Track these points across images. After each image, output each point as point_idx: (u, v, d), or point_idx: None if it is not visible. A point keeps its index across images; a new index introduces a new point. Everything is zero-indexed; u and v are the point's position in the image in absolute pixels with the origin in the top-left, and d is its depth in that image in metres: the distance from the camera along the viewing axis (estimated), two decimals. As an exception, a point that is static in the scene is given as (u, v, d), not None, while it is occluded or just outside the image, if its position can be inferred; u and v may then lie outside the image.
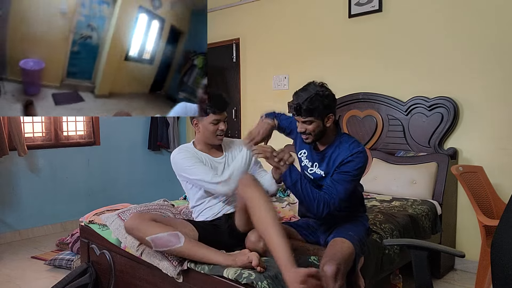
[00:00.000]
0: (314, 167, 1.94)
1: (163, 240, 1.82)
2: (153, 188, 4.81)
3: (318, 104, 1.76)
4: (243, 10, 4.37)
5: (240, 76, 4.48)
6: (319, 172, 1.92)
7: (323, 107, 1.78)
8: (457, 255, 1.51)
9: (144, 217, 1.91)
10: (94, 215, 2.50)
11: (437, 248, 1.58)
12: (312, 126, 1.80)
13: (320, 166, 1.92)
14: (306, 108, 1.76)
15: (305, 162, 1.98)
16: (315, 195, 1.77)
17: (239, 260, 1.71)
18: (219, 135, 2.07)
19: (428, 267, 1.50)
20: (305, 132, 1.83)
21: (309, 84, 1.83)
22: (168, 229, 1.85)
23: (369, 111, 3.39)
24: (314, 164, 1.94)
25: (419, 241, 1.56)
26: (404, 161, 3.07)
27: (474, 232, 2.86)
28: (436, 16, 3.07)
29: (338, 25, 3.62)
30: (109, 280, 2.34)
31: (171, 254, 1.90)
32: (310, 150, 1.97)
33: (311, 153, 1.97)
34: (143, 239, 1.86)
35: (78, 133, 4.29)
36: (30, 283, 2.83)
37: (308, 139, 1.85)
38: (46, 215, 3.99)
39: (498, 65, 2.82)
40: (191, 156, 2.05)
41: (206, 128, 2.05)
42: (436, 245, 1.61)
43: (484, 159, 2.88)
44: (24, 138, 3.71)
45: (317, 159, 1.93)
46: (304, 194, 1.76)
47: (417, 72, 3.18)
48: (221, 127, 2.05)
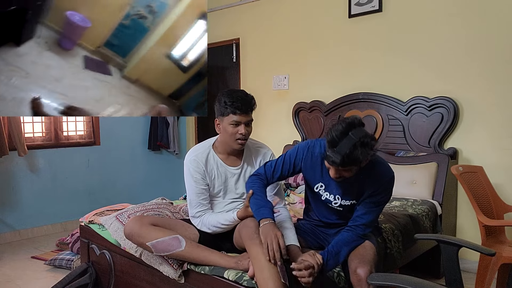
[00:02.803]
0: (338, 200, 1.77)
1: (164, 244, 1.79)
2: (153, 188, 4.81)
3: (364, 153, 1.50)
4: (243, 10, 4.37)
5: (240, 76, 4.48)
6: (347, 203, 1.76)
7: (367, 154, 1.52)
8: (487, 253, 1.51)
9: (143, 222, 1.86)
10: (94, 215, 2.50)
11: (467, 244, 1.60)
12: (350, 173, 1.60)
13: (345, 198, 1.75)
14: (352, 159, 1.51)
15: (326, 196, 1.79)
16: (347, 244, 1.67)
17: (241, 264, 1.70)
18: (239, 139, 1.84)
19: (458, 262, 1.51)
20: (339, 177, 1.63)
21: (347, 126, 1.52)
22: (168, 233, 1.82)
23: (369, 111, 3.39)
24: (337, 196, 1.76)
25: (450, 236, 1.59)
26: (404, 161, 3.07)
27: (474, 232, 2.86)
28: (436, 16, 3.07)
29: (338, 25, 3.62)
30: (109, 280, 2.34)
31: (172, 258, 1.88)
32: (328, 183, 1.77)
33: (330, 186, 1.77)
34: (144, 245, 1.84)
35: (78, 133, 4.29)
36: (30, 283, 2.83)
37: (339, 180, 1.65)
38: (46, 215, 3.99)
39: (498, 65, 2.82)
40: (196, 170, 1.90)
41: (226, 130, 1.85)
42: (466, 241, 1.64)
43: (484, 159, 2.88)
44: (24, 138, 3.71)
45: (341, 190, 1.75)
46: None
47: (417, 72, 3.19)
48: (241, 130, 1.82)
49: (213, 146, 1.97)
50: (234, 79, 4.58)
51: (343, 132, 1.51)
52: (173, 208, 2.45)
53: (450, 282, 1.55)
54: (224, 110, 1.82)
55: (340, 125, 1.53)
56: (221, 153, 1.95)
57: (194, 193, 1.92)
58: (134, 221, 1.88)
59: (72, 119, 4.22)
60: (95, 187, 4.35)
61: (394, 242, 2.22)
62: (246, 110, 1.82)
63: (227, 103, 1.81)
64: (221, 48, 4.64)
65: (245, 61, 4.43)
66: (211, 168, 1.93)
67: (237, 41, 4.47)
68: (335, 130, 1.53)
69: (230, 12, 4.49)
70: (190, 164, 1.93)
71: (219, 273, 1.74)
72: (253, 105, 1.86)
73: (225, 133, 1.86)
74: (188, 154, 1.97)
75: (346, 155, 1.49)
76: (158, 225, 1.88)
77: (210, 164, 1.93)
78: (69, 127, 4.20)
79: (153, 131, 4.79)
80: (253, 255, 1.61)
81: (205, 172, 1.92)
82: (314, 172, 1.79)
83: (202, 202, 1.92)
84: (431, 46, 3.10)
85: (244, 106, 1.81)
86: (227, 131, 1.84)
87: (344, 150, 1.49)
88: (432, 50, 3.10)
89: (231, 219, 1.83)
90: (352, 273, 1.61)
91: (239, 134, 1.83)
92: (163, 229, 1.84)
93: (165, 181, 4.96)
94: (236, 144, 1.87)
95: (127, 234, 1.89)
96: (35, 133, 3.96)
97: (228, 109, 1.80)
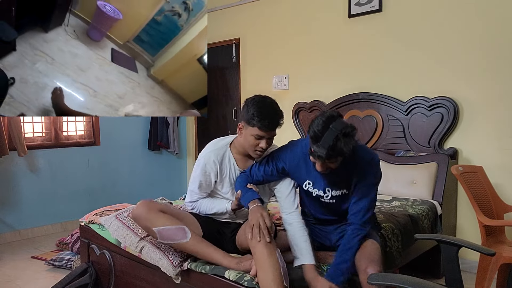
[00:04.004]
0: (329, 192, 1.79)
1: (169, 232, 1.78)
2: (153, 188, 4.81)
3: (347, 143, 1.55)
4: (243, 10, 4.37)
5: (240, 76, 4.48)
6: (338, 193, 1.79)
7: (350, 144, 1.56)
8: (487, 253, 1.52)
9: (152, 207, 1.85)
10: (94, 215, 2.50)
11: (467, 244, 1.61)
12: (336, 163, 1.63)
13: (335, 188, 1.78)
14: (337, 152, 1.55)
15: (316, 192, 1.82)
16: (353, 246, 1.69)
17: (242, 266, 1.70)
18: (258, 151, 1.83)
19: (458, 262, 1.51)
20: (325, 170, 1.67)
21: (327, 120, 1.57)
22: (175, 222, 1.82)
23: (369, 111, 3.39)
24: (326, 189, 1.79)
25: (450, 236, 1.60)
26: (404, 161, 3.07)
27: (474, 232, 2.86)
28: (436, 16, 3.07)
29: (338, 25, 3.62)
30: (109, 280, 2.34)
31: (173, 252, 1.88)
32: (315, 178, 1.80)
33: (317, 180, 1.80)
34: (150, 229, 1.83)
35: (78, 133, 4.29)
36: (30, 283, 2.83)
37: (326, 171, 1.69)
38: (46, 215, 3.99)
39: (498, 65, 2.82)
40: (209, 174, 1.91)
41: (247, 139, 1.82)
42: (466, 241, 1.65)
43: (484, 159, 2.88)
44: (24, 138, 3.71)
45: (329, 184, 1.78)
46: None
47: (417, 72, 3.19)
48: (262, 144, 1.80)
49: (230, 145, 1.96)
50: (234, 79, 4.58)
51: (324, 126, 1.55)
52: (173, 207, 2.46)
53: (450, 282, 1.56)
54: (251, 121, 1.77)
55: (320, 119, 1.58)
56: (237, 153, 1.95)
57: (197, 186, 1.95)
58: (143, 204, 1.87)
59: (72, 119, 4.22)
60: (95, 187, 4.35)
61: (394, 241, 2.22)
62: (273, 128, 1.79)
63: (255, 115, 1.75)
64: (221, 48, 4.64)
65: (245, 61, 4.43)
66: (225, 167, 1.93)
67: (237, 41, 4.47)
68: (316, 125, 1.57)
69: (230, 12, 4.49)
70: (205, 158, 1.92)
71: (219, 273, 1.73)
72: (281, 123, 1.81)
73: (246, 141, 1.84)
74: (206, 148, 1.96)
75: (330, 147, 1.53)
76: (167, 213, 1.87)
77: (225, 164, 1.93)
78: (69, 127, 4.20)
79: (153, 131, 4.79)
80: (257, 256, 1.62)
81: (217, 171, 1.91)
82: (299, 171, 1.82)
83: (203, 194, 1.99)
84: (431, 46, 3.10)
85: (271, 125, 1.77)
86: (248, 141, 1.82)
87: (327, 143, 1.53)
88: (432, 50, 3.10)
89: (224, 209, 1.90)
90: (362, 272, 1.62)
91: (259, 147, 1.81)
92: (170, 218, 1.83)
93: (165, 181, 4.96)
94: (254, 154, 1.85)
95: (134, 216, 1.88)
96: (35, 133, 3.96)
97: (254, 122, 1.76)
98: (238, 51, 4.47)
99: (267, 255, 1.58)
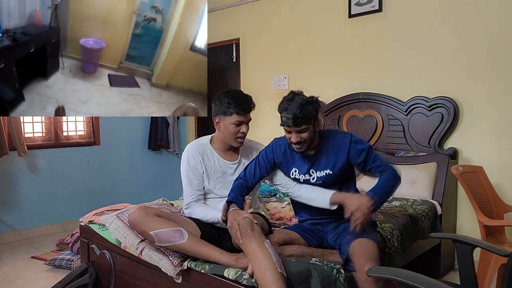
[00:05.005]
0: (313, 174, 1.92)
1: (166, 235, 1.81)
2: (153, 188, 4.81)
3: (311, 110, 1.79)
4: (243, 10, 4.37)
5: (240, 76, 4.48)
6: (322, 174, 1.91)
7: (315, 112, 1.81)
8: (502, 254, 1.52)
9: (149, 211, 1.89)
10: (94, 215, 2.50)
11: (482, 244, 1.63)
12: (307, 134, 1.81)
13: (318, 169, 1.91)
14: (302, 116, 1.75)
15: (303, 177, 1.95)
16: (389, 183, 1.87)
17: (241, 262, 1.70)
18: (240, 137, 1.98)
19: (472, 261, 1.53)
20: (300, 142, 1.82)
21: (292, 95, 1.82)
22: (172, 224, 1.84)
23: (369, 111, 3.39)
24: (311, 171, 1.92)
25: (465, 236, 1.63)
26: (404, 161, 3.07)
27: (474, 232, 2.85)
28: (436, 16, 3.07)
29: (338, 25, 3.62)
30: (109, 280, 2.34)
31: (173, 252, 1.89)
32: (299, 165, 1.94)
33: (301, 165, 1.94)
34: (147, 233, 1.85)
35: (78, 133, 4.29)
36: (30, 283, 2.83)
37: (302, 148, 1.85)
38: (46, 215, 4.00)
39: (499, 65, 2.82)
40: (194, 166, 2.01)
41: (227, 129, 1.96)
42: (481, 241, 1.67)
43: (484, 159, 2.88)
44: (24, 138, 3.71)
45: (312, 166, 1.92)
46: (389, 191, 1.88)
47: (417, 72, 3.19)
48: (243, 129, 1.96)
49: (210, 142, 2.08)
50: (234, 79, 4.58)
51: (290, 99, 1.79)
52: (174, 209, 2.46)
53: (465, 281, 1.58)
54: (227, 110, 1.93)
55: (287, 96, 1.82)
56: (218, 149, 2.06)
57: (189, 183, 2.01)
58: (140, 209, 1.92)
59: (72, 119, 4.23)
60: (95, 187, 4.35)
61: (393, 241, 2.22)
62: (249, 110, 1.96)
63: (231, 103, 1.92)
64: (221, 48, 4.64)
65: (245, 61, 4.43)
66: (208, 160, 2.02)
67: (237, 41, 4.47)
68: (282, 101, 1.81)
69: (230, 12, 4.49)
70: (188, 153, 2.03)
71: (219, 272, 1.74)
72: (253, 105, 1.99)
73: (226, 131, 1.97)
74: (186, 148, 2.07)
75: (297, 112, 1.74)
76: (162, 217, 1.90)
77: (208, 157, 2.03)
78: (69, 127, 4.20)
79: (153, 131, 4.79)
80: (248, 250, 1.65)
81: (201, 163, 2.01)
82: (286, 161, 1.96)
83: (196, 192, 2.02)
84: (431, 46, 3.10)
85: (247, 107, 1.95)
86: (229, 130, 1.95)
87: (294, 109, 1.74)
88: (432, 50, 3.10)
89: (215, 219, 1.95)
90: (359, 271, 1.63)
91: (240, 132, 1.96)
92: (166, 221, 1.87)
93: (165, 181, 4.96)
94: (236, 142, 1.99)
95: (131, 221, 1.91)
96: (35, 133, 3.96)
97: (231, 109, 1.92)
98: (238, 51, 4.47)
99: (256, 247, 1.62)
